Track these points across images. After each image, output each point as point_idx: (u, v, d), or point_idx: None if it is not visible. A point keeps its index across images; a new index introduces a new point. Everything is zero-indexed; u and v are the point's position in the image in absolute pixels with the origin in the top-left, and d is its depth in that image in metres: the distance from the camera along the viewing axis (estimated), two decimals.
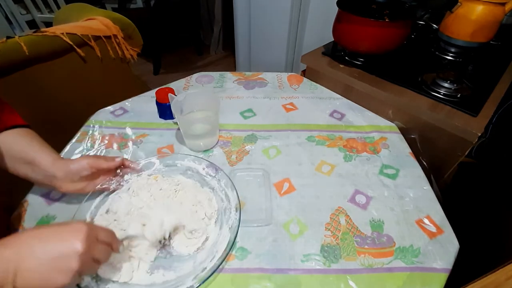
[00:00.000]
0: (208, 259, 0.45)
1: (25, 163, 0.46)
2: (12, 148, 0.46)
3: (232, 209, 0.50)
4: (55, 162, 0.47)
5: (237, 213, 0.50)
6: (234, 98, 0.83)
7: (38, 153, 0.46)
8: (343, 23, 0.82)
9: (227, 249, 0.45)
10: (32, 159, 0.46)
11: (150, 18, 2.03)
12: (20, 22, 2.06)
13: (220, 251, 0.45)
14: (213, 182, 0.56)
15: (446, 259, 0.47)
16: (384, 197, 0.57)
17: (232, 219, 0.49)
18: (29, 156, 0.46)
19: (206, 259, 0.45)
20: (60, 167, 0.47)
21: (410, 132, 0.75)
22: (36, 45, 0.84)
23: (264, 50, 1.63)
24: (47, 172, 0.46)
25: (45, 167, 0.46)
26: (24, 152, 0.46)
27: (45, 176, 0.47)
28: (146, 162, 0.58)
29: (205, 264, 0.44)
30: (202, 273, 0.42)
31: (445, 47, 0.89)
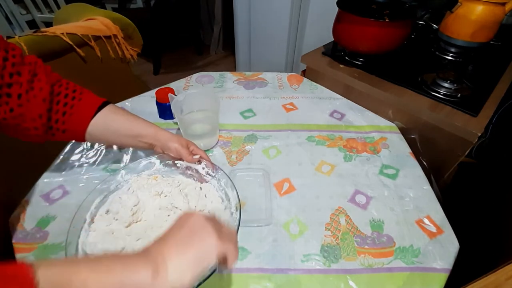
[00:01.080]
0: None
1: (134, 136, 0.53)
2: (118, 127, 0.52)
3: (233, 208, 0.50)
4: (156, 133, 0.54)
5: (237, 212, 0.49)
6: (234, 98, 0.83)
7: (142, 127, 0.54)
8: (343, 23, 0.82)
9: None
10: (138, 132, 0.53)
11: (150, 18, 2.03)
12: (20, 22, 2.06)
13: None
14: (212, 182, 0.56)
15: (446, 259, 0.47)
16: (384, 197, 0.57)
17: (232, 218, 0.49)
18: (135, 130, 0.53)
19: None
20: (161, 138, 0.54)
21: (410, 132, 0.75)
22: (36, 45, 0.84)
23: (264, 50, 1.63)
24: (152, 140, 0.54)
25: (151, 137, 0.54)
26: (131, 128, 0.53)
27: (149, 144, 0.55)
28: (146, 162, 0.58)
29: None
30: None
31: (445, 47, 0.89)
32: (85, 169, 0.61)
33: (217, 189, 0.55)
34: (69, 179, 0.59)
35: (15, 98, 0.43)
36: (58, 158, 0.64)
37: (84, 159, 0.63)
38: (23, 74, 0.43)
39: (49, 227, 0.51)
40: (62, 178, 0.59)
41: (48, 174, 0.60)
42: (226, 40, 2.45)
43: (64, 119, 0.48)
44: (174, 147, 0.54)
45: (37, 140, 0.49)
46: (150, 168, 0.58)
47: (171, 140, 0.54)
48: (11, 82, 0.42)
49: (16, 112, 0.43)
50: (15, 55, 0.43)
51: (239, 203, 0.50)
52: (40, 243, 0.49)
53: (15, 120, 0.44)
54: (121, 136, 0.53)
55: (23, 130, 0.46)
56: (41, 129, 0.46)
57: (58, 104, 0.48)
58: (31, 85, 0.44)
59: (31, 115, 0.45)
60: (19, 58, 0.43)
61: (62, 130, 0.49)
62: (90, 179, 0.59)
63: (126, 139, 0.54)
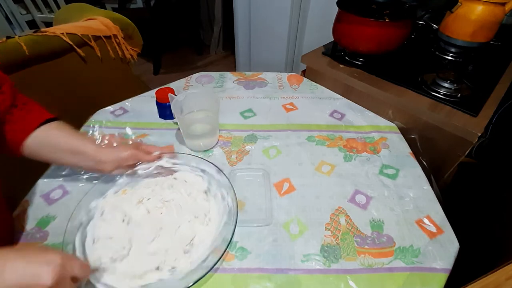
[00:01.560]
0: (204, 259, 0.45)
1: (73, 154, 0.50)
2: (58, 142, 0.50)
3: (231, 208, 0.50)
4: (101, 150, 0.51)
5: (234, 213, 0.50)
6: (234, 98, 0.83)
7: (84, 143, 0.51)
8: (343, 23, 0.82)
9: (223, 248, 0.45)
10: (80, 149, 0.50)
11: (150, 18, 2.03)
12: (20, 22, 2.06)
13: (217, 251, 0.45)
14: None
15: (446, 259, 0.47)
16: (384, 197, 0.57)
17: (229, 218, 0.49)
18: (76, 147, 0.50)
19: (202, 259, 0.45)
20: (108, 153, 0.51)
21: (410, 132, 0.75)
22: (36, 45, 0.84)
23: (264, 50, 1.63)
24: (96, 158, 0.50)
25: (94, 154, 0.50)
26: (71, 144, 0.50)
27: (94, 162, 0.51)
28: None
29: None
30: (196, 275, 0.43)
31: (445, 47, 0.89)
32: None
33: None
34: (69, 179, 0.59)
35: None
36: None
37: None
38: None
39: (49, 227, 0.51)
40: (62, 178, 0.59)
41: (48, 174, 0.60)
42: (226, 40, 2.45)
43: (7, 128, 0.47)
44: (127, 154, 0.51)
45: None
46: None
47: (121, 149, 0.52)
48: None
49: None
50: None
51: (236, 202, 0.51)
52: (40, 243, 0.49)
53: None
54: (61, 152, 0.50)
55: None
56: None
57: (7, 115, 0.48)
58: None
59: None
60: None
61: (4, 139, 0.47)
62: (90, 179, 0.59)
63: (67, 156, 0.51)
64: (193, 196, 0.53)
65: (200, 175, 0.56)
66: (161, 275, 0.43)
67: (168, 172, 0.56)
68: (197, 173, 0.57)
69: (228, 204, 0.51)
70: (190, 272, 0.44)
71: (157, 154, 0.55)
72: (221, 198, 0.53)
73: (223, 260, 0.47)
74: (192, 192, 0.54)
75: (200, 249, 0.47)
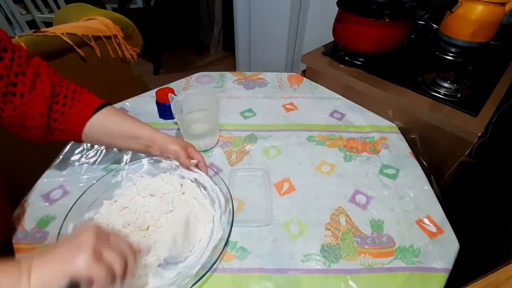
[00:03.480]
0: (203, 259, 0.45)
1: (130, 138, 0.53)
2: (115, 128, 0.53)
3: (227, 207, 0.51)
4: (154, 135, 0.54)
5: (230, 212, 0.50)
6: (234, 98, 0.83)
7: (140, 128, 0.54)
8: (343, 23, 0.82)
9: (221, 248, 0.45)
10: (136, 134, 0.53)
11: (150, 18, 2.03)
12: (20, 22, 2.06)
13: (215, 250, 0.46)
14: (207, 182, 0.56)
15: (446, 259, 0.47)
16: (384, 197, 0.57)
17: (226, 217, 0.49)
18: (133, 132, 0.53)
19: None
20: (159, 140, 0.54)
21: (410, 132, 0.75)
22: (36, 45, 0.84)
23: (264, 50, 1.63)
24: (149, 142, 0.54)
25: (149, 139, 0.53)
26: (127, 129, 0.53)
27: (146, 146, 0.54)
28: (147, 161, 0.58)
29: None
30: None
31: (445, 47, 0.89)
32: (85, 169, 0.61)
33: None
34: (69, 179, 0.59)
35: (18, 97, 0.44)
36: (58, 158, 0.64)
37: (84, 159, 0.63)
38: (27, 74, 0.45)
39: (49, 227, 0.51)
40: (62, 178, 0.59)
41: (48, 174, 0.60)
42: (226, 40, 2.45)
43: (62, 118, 0.49)
44: (173, 149, 0.53)
45: (38, 139, 0.49)
46: (137, 171, 0.57)
47: (171, 142, 0.54)
48: (16, 82, 0.44)
49: (19, 111, 0.45)
50: (21, 56, 0.45)
51: (231, 200, 0.51)
52: (40, 243, 0.49)
53: (17, 118, 0.45)
54: (117, 137, 0.53)
55: (25, 128, 0.47)
56: (41, 128, 0.47)
57: (57, 104, 0.49)
58: (34, 85, 0.46)
59: (32, 114, 0.46)
60: (24, 59, 0.45)
61: (60, 129, 0.49)
62: (90, 179, 0.59)
63: (123, 140, 0.54)
64: (192, 195, 0.53)
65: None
66: (159, 274, 0.44)
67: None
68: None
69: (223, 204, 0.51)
70: (187, 272, 0.44)
71: (195, 163, 0.55)
72: (217, 197, 0.53)
73: (221, 260, 0.47)
74: (190, 192, 0.54)
75: (197, 249, 0.47)
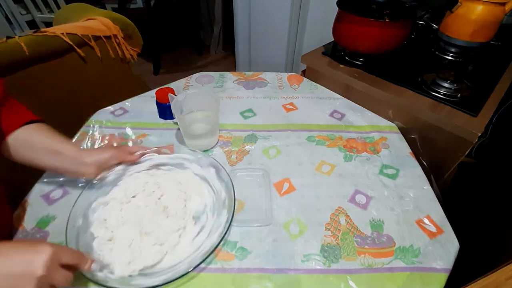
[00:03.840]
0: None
1: (53, 154, 0.49)
2: (38, 141, 0.49)
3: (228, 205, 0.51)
4: (81, 151, 0.51)
5: (230, 209, 0.50)
6: (234, 98, 0.83)
7: (64, 144, 0.50)
8: (343, 23, 0.82)
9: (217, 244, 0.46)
10: (60, 150, 0.49)
11: (150, 18, 2.03)
12: (20, 22, 2.06)
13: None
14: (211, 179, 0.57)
15: (446, 259, 0.47)
16: (384, 197, 0.57)
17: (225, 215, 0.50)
18: (56, 147, 0.49)
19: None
20: (89, 154, 0.51)
21: (410, 132, 0.75)
22: (36, 45, 0.84)
23: (264, 50, 1.63)
24: (76, 160, 0.49)
25: (74, 155, 0.49)
26: (50, 144, 0.49)
27: (74, 164, 0.50)
28: None
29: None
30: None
31: (445, 47, 0.89)
32: None
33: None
34: (69, 179, 0.59)
35: None
36: None
37: None
38: None
39: (49, 227, 0.51)
40: (62, 178, 0.59)
41: (48, 174, 0.60)
42: (226, 40, 2.45)
43: None
44: (109, 154, 0.51)
45: None
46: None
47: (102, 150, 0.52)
48: None
49: None
50: None
51: (234, 197, 0.51)
52: None
53: None
54: (39, 153, 0.49)
55: None
56: None
57: None
58: None
59: None
60: None
61: None
62: (90, 179, 0.59)
63: (45, 156, 0.49)
64: (188, 192, 0.54)
65: (197, 174, 0.57)
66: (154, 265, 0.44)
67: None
68: (194, 169, 0.58)
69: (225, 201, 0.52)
70: (179, 264, 0.44)
71: (139, 154, 0.55)
72: (217, 194, 0.54)
73: (215, 258, 0.47)
74: (186, 188, 0.54)
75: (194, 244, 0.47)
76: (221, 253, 0.48)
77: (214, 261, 0.47)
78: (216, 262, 0.46)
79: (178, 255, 0.46)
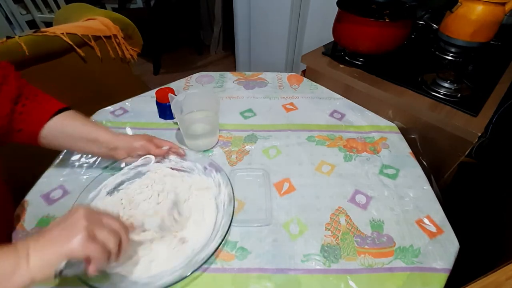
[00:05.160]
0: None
1: (90, 141, 0.52)
2: (75, 130, 0.52)
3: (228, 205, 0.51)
4: (115, 137, 0.54)
5: (230, 207, 0.50)
6: (234, 98, 0.83)
7: (99, 131, 0.53)
8: (343, 23, 0.82)
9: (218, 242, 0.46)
10: (96, 137, 0.52)
11: (150, 18, 2.03)
12: (20, 22, 2.06)
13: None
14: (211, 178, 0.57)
15: (446, 259, 0.47)
16: (384, 197, 0.57)
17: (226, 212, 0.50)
18: (92, 134, 0.52)
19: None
20: (123, 140, 0.54)
21: (410, 132, 0.75)
22: (36, 45, 0.84)
23: (264, 50, 1.63)
24: (111, 145, 0.53)
25: (109, 141, 0.53)
26: (87, 132, 0.52)
27: (108, 149, 0.54)
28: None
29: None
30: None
31: (445, 47, 0.89)
32: (85, 169, 0.61)
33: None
34: (69, 179, 0.59)
35: None
36: (58, 158, 0.63)
37: (84, 159, 0.63)
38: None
39: None
40: (62, 178, 0.59)
41: (48, 174, 0.60)
42: (226, 40, 2.45)
43: (21, 118, 0.49)
44: (140, 144, 0.55)
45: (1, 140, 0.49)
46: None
47: (134, 139, 0.55)
48: None
49: None
50: None
51: (233, 197, 0.51)
52: None
53: None
54: (77, 140, 0.53)
55: None
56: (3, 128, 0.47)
57: (17, 105, 0.49)
58: (1, 87, 0.47)
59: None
60: None
61: (17, 130, 0.49)
62: (90, 179, 0.58)
63: (83, 143, 0.53)
64: (191, 191, 0.54)
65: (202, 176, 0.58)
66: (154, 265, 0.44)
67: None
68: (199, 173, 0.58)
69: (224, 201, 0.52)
70: (183, 266, 0.44)
71: (166, 149, 0.57)
72: (217, 194, 0.54)
73: (215, 258, 0.47)
74: (191, 188, 0.55)
75: (195, 244, 0.47)
76: (221, 253, 0.48)
77: (214, 261, 0.47)
78: (216, 262, 0.46)
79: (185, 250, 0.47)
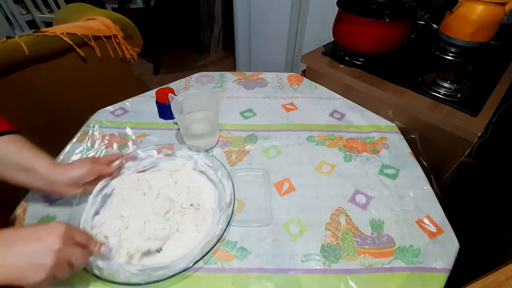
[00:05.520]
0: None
1: (22, 170, 0.44)
2: (7, 156, 0.44)
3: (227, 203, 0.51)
4: (54, 167, 0.45)
5: (230, 207, 0.50)
6: (234, 98, 0.83)
7: (34, 159, 0.44)
8: (343, 23, 0.82)
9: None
10: (29, 165, 0.44)
11: (150, 18, 2.03)
12: (20, 22, 2.06)
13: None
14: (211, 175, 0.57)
15: (446, 259, 0.47)
16: (384, 197, 0.57)
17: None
18: (26, 163, 0.44)
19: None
20: (61, 172, 0.45)
21: (410, 132, 0.75)
22: (36, 45, 0.84)
23: (264, 50, 1.63)
24: (48, 178, 0.44)
25: (45, 173, 0.44)
26: (20, 159, 0.44)
27: (46, 182, 0.45)
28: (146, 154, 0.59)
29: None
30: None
31: (445, 47, 0.89)
32: None
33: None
34: None
35: None
36: (58, 158, 0.63)
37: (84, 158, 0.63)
38: None
39: None
40: None
41: None
42: (226, 40, 2.45)
43: None
44: (81, 172, 0.46)
45: None
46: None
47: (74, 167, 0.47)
48: None
49: None
50: None
51: (233, 195, 0.52)
52: None
53: None
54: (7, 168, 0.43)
55: None
56: None
57: None
58: None
59: None
60: None
61: None
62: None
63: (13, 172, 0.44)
64: (187, 188, 0.55)
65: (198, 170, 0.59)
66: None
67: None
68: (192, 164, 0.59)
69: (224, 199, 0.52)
70: (177, 262, 0.44)
71: (118, 164, 0.52)
72: (216, 191, 0.55)
73: (214, 257, 0.47)
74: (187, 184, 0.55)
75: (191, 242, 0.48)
76: (221, 253, 0.48)
77: (214, 261, 0.47)
78: (216, 262, 0.46)
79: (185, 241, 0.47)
